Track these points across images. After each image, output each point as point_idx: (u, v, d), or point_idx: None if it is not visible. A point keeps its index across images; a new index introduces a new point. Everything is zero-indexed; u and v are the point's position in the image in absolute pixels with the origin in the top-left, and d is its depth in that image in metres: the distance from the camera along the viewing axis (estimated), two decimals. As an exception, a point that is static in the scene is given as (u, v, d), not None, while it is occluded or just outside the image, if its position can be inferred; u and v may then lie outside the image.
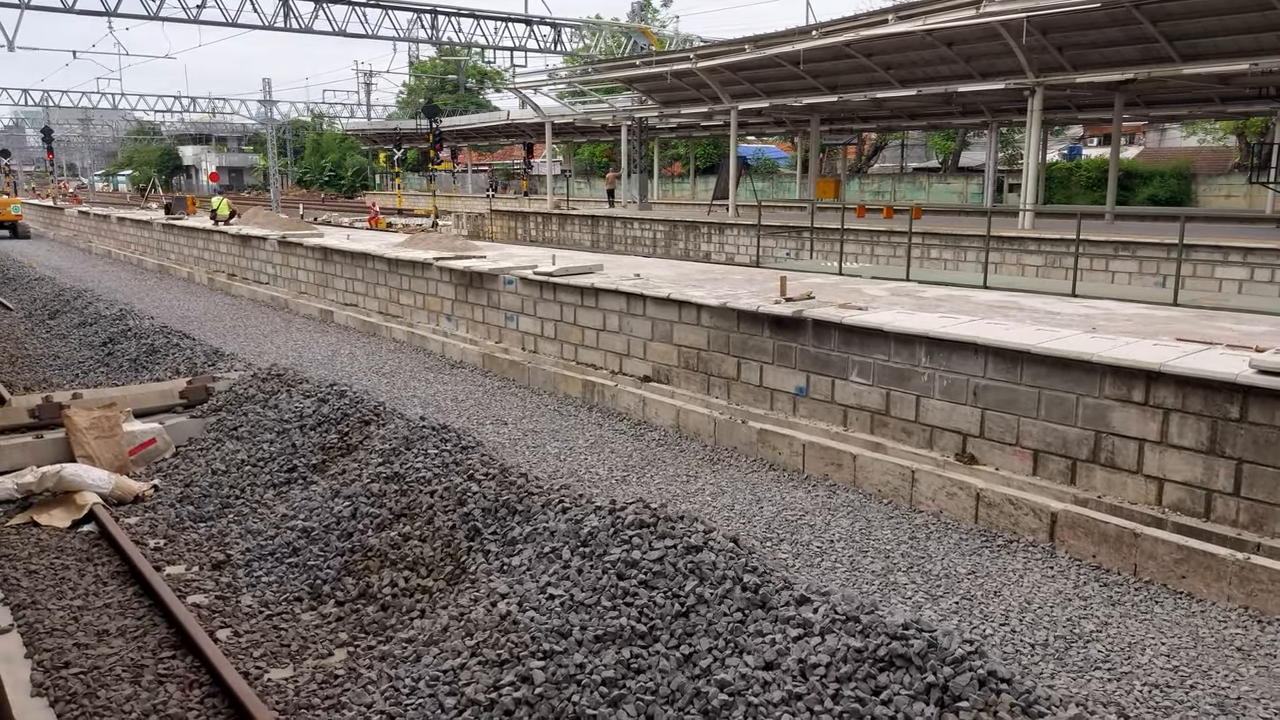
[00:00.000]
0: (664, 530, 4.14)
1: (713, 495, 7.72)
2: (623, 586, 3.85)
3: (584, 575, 4.00)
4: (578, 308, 11.59)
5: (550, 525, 4.50)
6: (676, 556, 3.96)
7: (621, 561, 3.99)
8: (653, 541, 4.07)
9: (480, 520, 4.85)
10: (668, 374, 10.35)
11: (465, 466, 5.46)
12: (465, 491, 5.12)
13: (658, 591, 3.81)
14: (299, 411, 7.07)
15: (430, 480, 5.43)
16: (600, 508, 4.47)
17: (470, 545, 4.74)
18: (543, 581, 4.07)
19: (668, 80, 28.42)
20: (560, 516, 4.57)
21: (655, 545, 4.04)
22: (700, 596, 3.72)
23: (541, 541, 4.39)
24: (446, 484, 5.30)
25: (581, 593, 3.89)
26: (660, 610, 3.70)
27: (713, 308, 9.57)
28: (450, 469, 5.48)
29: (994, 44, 21.15)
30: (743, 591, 3.74)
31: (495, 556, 4.53)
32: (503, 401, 11.01)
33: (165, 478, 6.94)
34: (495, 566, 4.45)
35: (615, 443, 9.36)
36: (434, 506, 5.14)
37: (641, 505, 4.36)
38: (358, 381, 11.75)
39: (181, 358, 9.89)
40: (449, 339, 13.66)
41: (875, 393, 8.14)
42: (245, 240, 20.68)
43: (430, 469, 5.55)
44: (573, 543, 4.26)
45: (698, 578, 3.84)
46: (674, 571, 3.89)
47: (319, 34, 26.56)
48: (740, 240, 26.00)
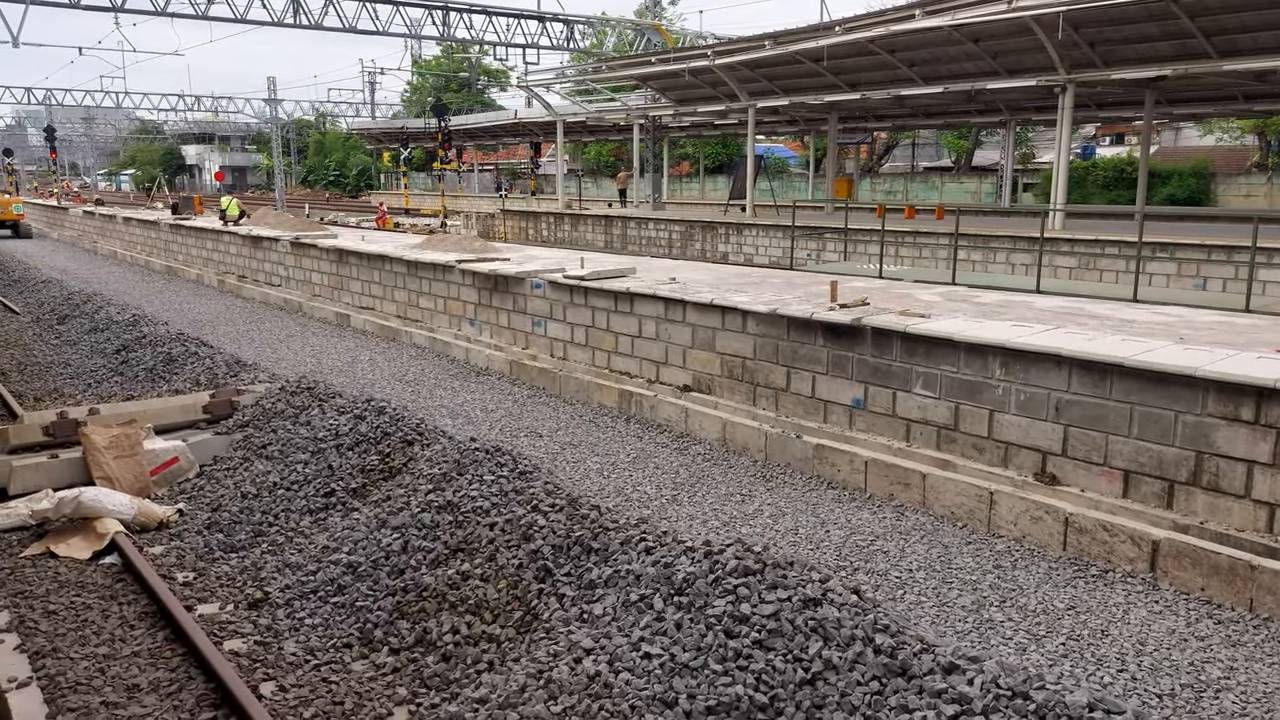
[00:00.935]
0: (774, 579, 3.64)
1: (773, 517, 7.22)
2: (733, 647, 3.36)
3: (684, 631, 3.51)
4: (611, 313, 11.09)
5: (633, 568, 4.00)
6: (793, 611, 3.46)
7: (729, 616, 3.50)
8: (763, 593, 3.57)
9: (551, 559, 4.36)
10: (709, 384, 9.85)
11: (527, 495, 4.95)
12: (531, 525, 4.62)
13: (775, 654, 3.32)
14: (334, 429, 6.57)
15: (489, 511, 4.92)
16: (692, 549, 3.97)
17: (541, 588, 4.24)
18: (634, 636, 3.57)
19: (684, 78, 27.91)
20: (644, 558, 4.07)
21: (766, 597, 3.54)
22: (827, 661, 3.23)
23: (626, 587, 3.90)
24: (508, 515, 4.79)
25: (684, 652, 3.39)
26: (781, 677, 3.21)
27: (761, 314, 9.06)
28: (510, 498, 4.98)
29: (1022, 40, 20.65)
30: (876, 655, 3.25)
31: (572, 602, 4.04)
32: (534, 412, 10.52)
33: (190, 501, 6.45)
34: (573, 614, 3.95)
35: (659, 457, 8.86)
36: (495, 541, 4.64)
37: (742, 548, 3.87)
38: (380, 390, 11.27)
39: (201, 368, 9.39)
40: (473, 345, 13.16)
41: (943, 406, 7.64)
42: (256, 241, 20.19)
43: (487, 498, 5.05)
44: (664, 590, 3.76)
45: (821, 637, 3.35)
46: (792, 630, 3.40)
47: (329, 30, 26.11)
48: (759, 241, 25.50)
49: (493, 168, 76.57)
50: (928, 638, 3.45)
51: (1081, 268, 18.73)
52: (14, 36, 26.37)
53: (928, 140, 56.66)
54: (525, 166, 69.52)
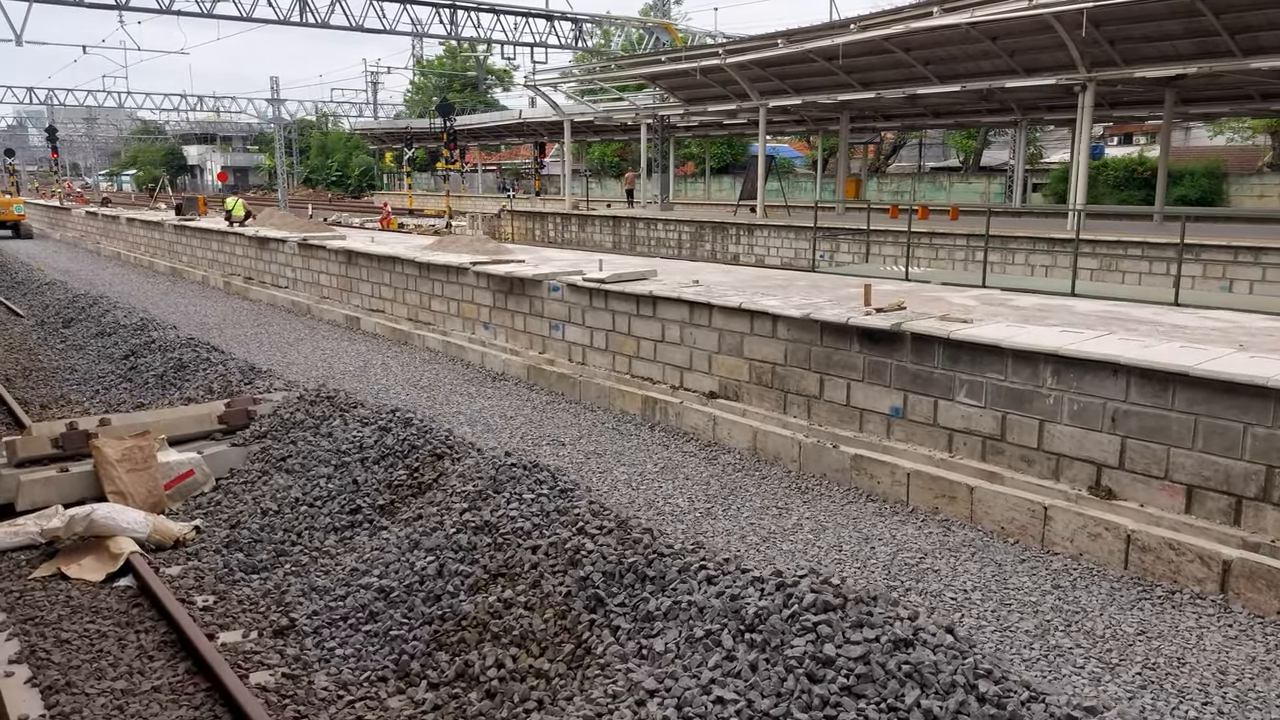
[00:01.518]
0: (858, 616, 3.33)
1: (813, 533, 6.91)
2: (819, 693, 3.05)
3: (760, 673, 3.20)
4: (632, 317, 10.78)
5: (695, 598, 3.69)
6: (884, 654, 3.15)
7: (810, 658, 3.18)
8: (847, 631, 3.26)
9: (602, 587, 4.04)
10: (737, 390, 9.54)
11: (572, 516, 4.64)
12: (578, 549, 4.31)
13: (867, 703, 3.01)
14: (358, 442, 6.25)
15: (530, 532, 4.61)
16: (761, 579, 3.66)
17: (592, 618, 3.93)
18: (704, 678, 3.26)
19: (694, 76, 27.59)
20: (706, 587, 3.76)
21: (852, 637, 3.23)
22: (927, 712, 2.92)
23: (689, 620, 3.58)
24: (552, 538, 4.48)
25: (763, 699, 3.08)
26: (877, 729, 2.91)
27: (793, 319, 8.75)
28: (553, 519, 4.67)
29: (1041, 38, 20.35)
30: (980, 704, 2.94)
31: (628, 636, 3.72)
32: (555, 419, 10.21)
33: (207, 516, 6.13)
34: (631, 650, 3.64)
35: (687, 467, 8.55)
36: (539, 566, 4.33)
37: (818, 579, 3.56)
38: (395, 396, 10.97)
39: (214, 374, 9.06)
40: (488, 349, 12.85)
41: (988, 416, 7.32)
42: (263, 242, 19.89)
43: (528, 518, 4.73)
44: (733, 625, 3.46)
45: (917, 684, 3.05)
46: (884, 675, 3.09)
47: (335, 29, 25.82)
48: (771, 242, 25.19)
49: (495, 168, 76.30)
50: (1033, 683, 3.15)
51: (1103, 269, 18.41)
52: (17, 35, 26.08)
53: (934, 140, 56.33)
54: (528, 167, 69.29)
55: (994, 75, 22.16)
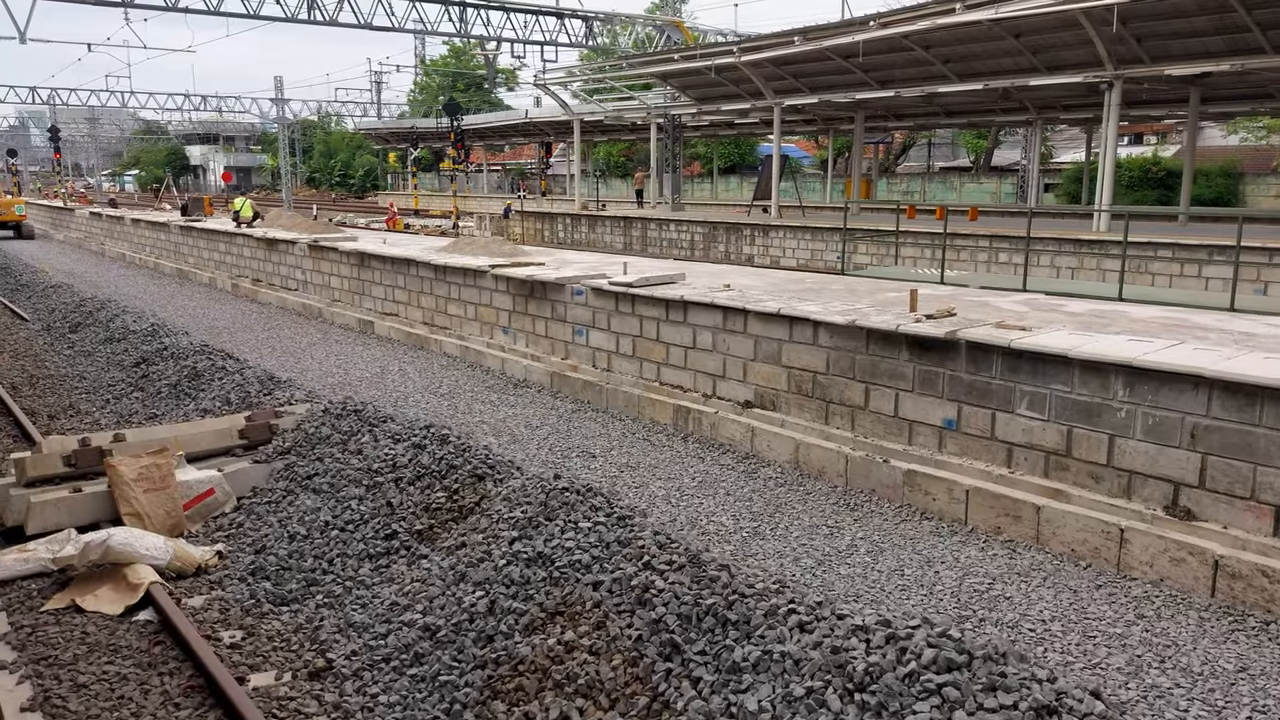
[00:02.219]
0: (989, 678, 2.93)
1: (870, 555, 6.51)
2: (955, 771, 2.67)
3: (880, 743, 2.81)
4: (661, 322, 10.38)
5: (789, 649, 3.30)
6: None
7: (940, 727, 2.80)
8: (978, 696, 2.86)
9: (678, 632, 3.64)
10: (774, 399, 9.14)
11: (635, 549, 4.24)
12: (646, 587, 3.90)
13: (1015, 783, 2.63)
14: (390, 460, 5.84)
15: (590, 566, 4.21)
16: (864, 628, 3.27)
17: (669, 667, 3.54)
18: (811, 746, 2.88)
19: (707, 75, 27.19)
20: (800, 636, 3.37)
21: (985, 702, 2.83)
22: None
23: (784, 675, 3.19)
24: (615, 573, 4.08)
25: (887, 775, 2.71)
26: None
27: (838, 326, 8.35)
28: (614, 551, 4.27)
29: (1064, 35, 19.95)
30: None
31: (712, 689, 3.33)
32: (583, 429, 9.81)
33: (230, 540, 5.73)
34: (717, 707, 3.24)
35: (726, 481, 8.16)
36: (603, 605, 3.93)
37: (935, 631, 3.16)
38: (414, 404, 10.58)
39: (230, 385, 8.65)
40: (508, 355, 12.46)
41: (1052, 429, 6.92)
42: (272, 244, 19.50)
43: (586, 549, 4.33)
44: (839, 683, 3.06)
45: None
46: (1031, 749, 2.71)
47: (343, 26, 25.42)
48: (786, 243, 24.79)
49: (499, 168, 75.90)
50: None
51: (1132, 271, 17.98)
52: (21, 32, 25.70)
53: (943, 140, 55.92)
54: (533, 167, 68.88)
55: (1015, 73, 21.74)
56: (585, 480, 8.15)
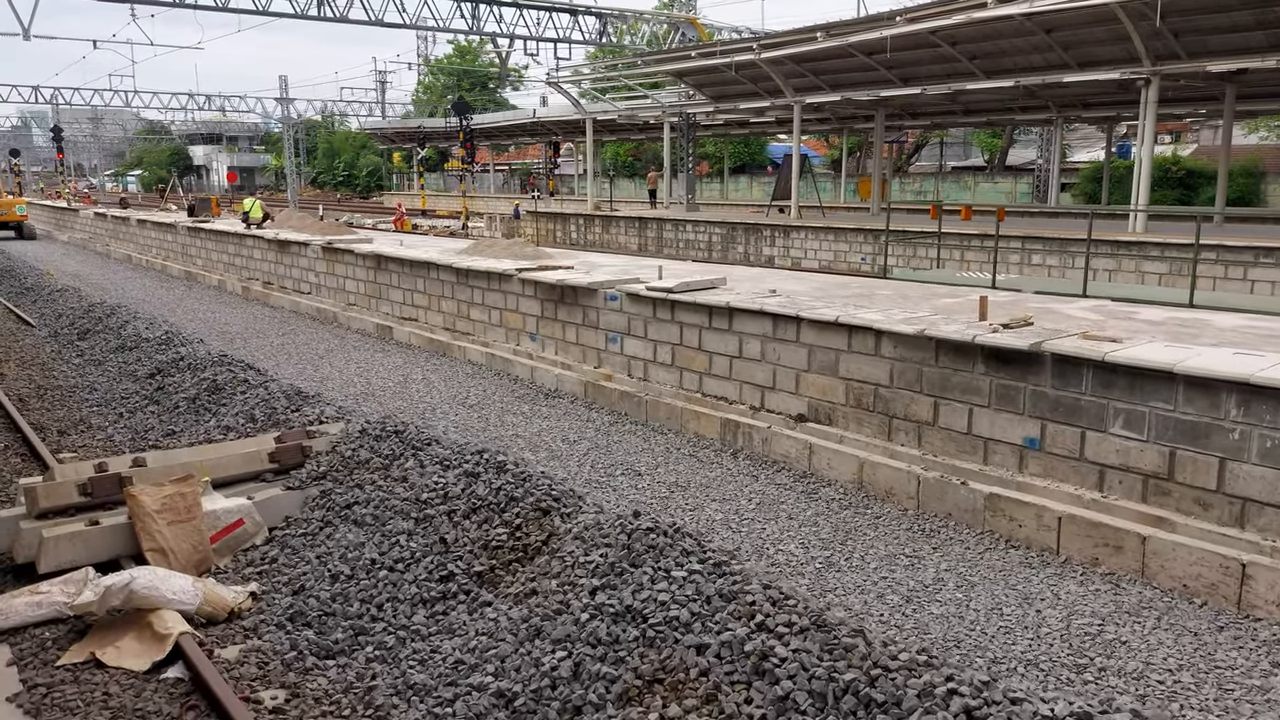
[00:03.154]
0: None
1: (961, 590, 5.95)
2: None
3: None
4: (703, 330, 9.83)
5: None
6: None
7: None
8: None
9: (811, 714, 3.10)
10: (830, 413, 8.58)
11: (744, 604, 3.69)
12: (764, 654, 3.36)
13: None
14: (441, 490, 5.27)
15: (690, 624, 3.65)
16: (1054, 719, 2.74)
17: (804, 757, 3.01)
18: None
19: (723, 73, 26.64)
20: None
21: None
22: None
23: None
24: (723, 635, 3.53)
25: None
26: None
27: (903, 335, 7.79)
28: (716, 606, 3.72)
29: (1097, 30, 19.38)
30: None
31: (864, 788, 2.81)
32: (624, 443, 9.26)
33: (264, 578, 5.17)
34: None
35: (786, 503, 7.60)
36: (711, 674, 3.38)
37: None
38: (442, 415, 10.04)
39: (254, 399, 8.08)
40: (537, 363, 11.90)
41: (1151, 451, 6.36)
42: (283, 246, 18.96)
43: (683, 603, 3.77)
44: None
45: None
46: None
47: (354, 23, 24.88)
48: (809, 244, 24.22)
49: (505, 168, 75.36)
50: None
51: (1173, 274, 17.42)
52: (25, 29, 25.19)
53: (955, 139, 55.34)
54: (538, 167, 68.34)
55: (1045, 70, 21.18)
56: (633, 499, 7.65)
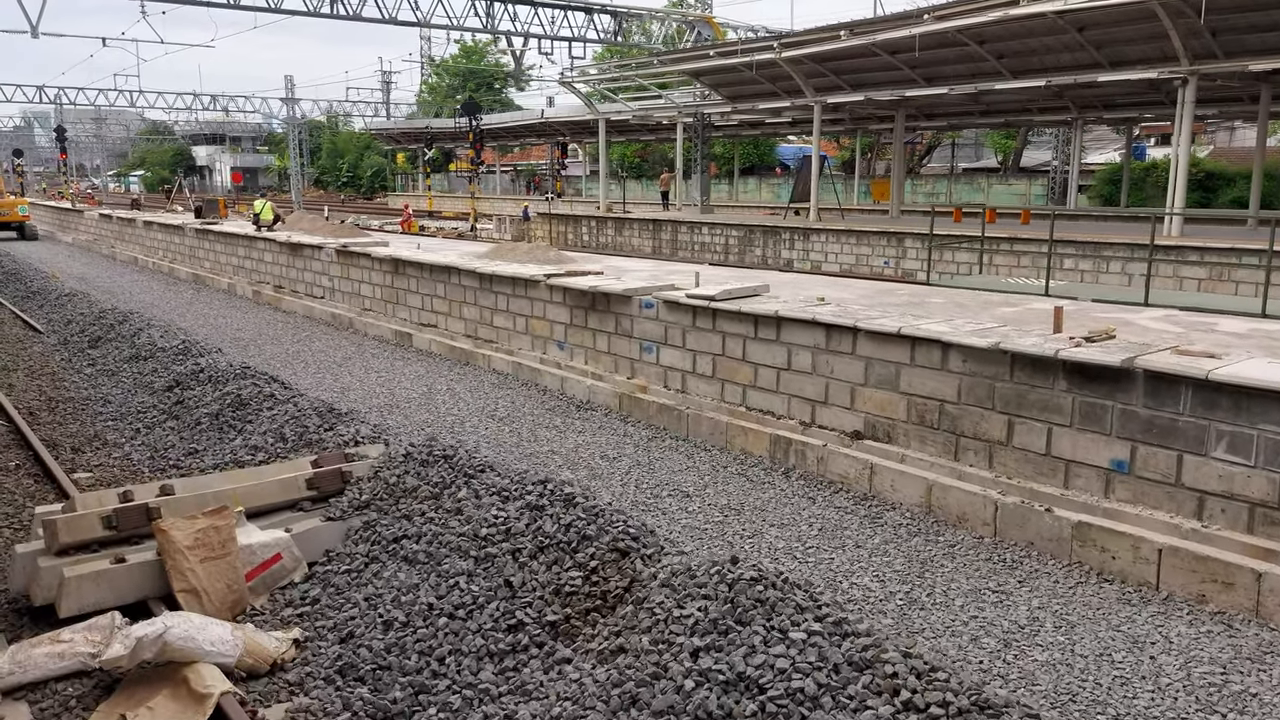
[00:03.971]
0: None
1: (1062, 633, 5.45)
2: None
3: None
4: (748, 340, 9.34)
5: None
6: None
7: None
8: None
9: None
10: (889, 430, 8.09)
11: (883, 677, 3.20)
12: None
13: None
14: (502, 525, 4.76)
15: (817, 699, 3.14)
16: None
17: None
18: None
19: (740, 72, 26.16)
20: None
21: None
22: None
23: None
24: (863, 714, 3.04)
25: None
26: None
27: (974, 349, 7.30)
28: (847, 676, 3.21)
29: (1132, 29, 18.90)
30: None
31: None
32: (666, 460, 8.77)
33: (305, 620, 4.67)
34: None
35: (850, 529, 7.11)
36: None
37: None
38: (472, 429, 9.56)
39: (282, 416, 7.57)
40: (567, 372, 11.41)
41: (1259, 477, 5.87)
42: (296, 249, 18.48)
43: (806, 671, 3.28)
44: None
45: None
46: None
47: (366, 21, 24.44)
48: (829, 247, 23.73)
49: (510, 169, 74.87)
50: None
51: (1213, 279, 16.93)
52: (33, 26, 24.74)
53: (966, 140, 54.82)
54: (543, 168, 67.81)
55: (1074, 69, 20.69)
56: (686, 525, 7.15)
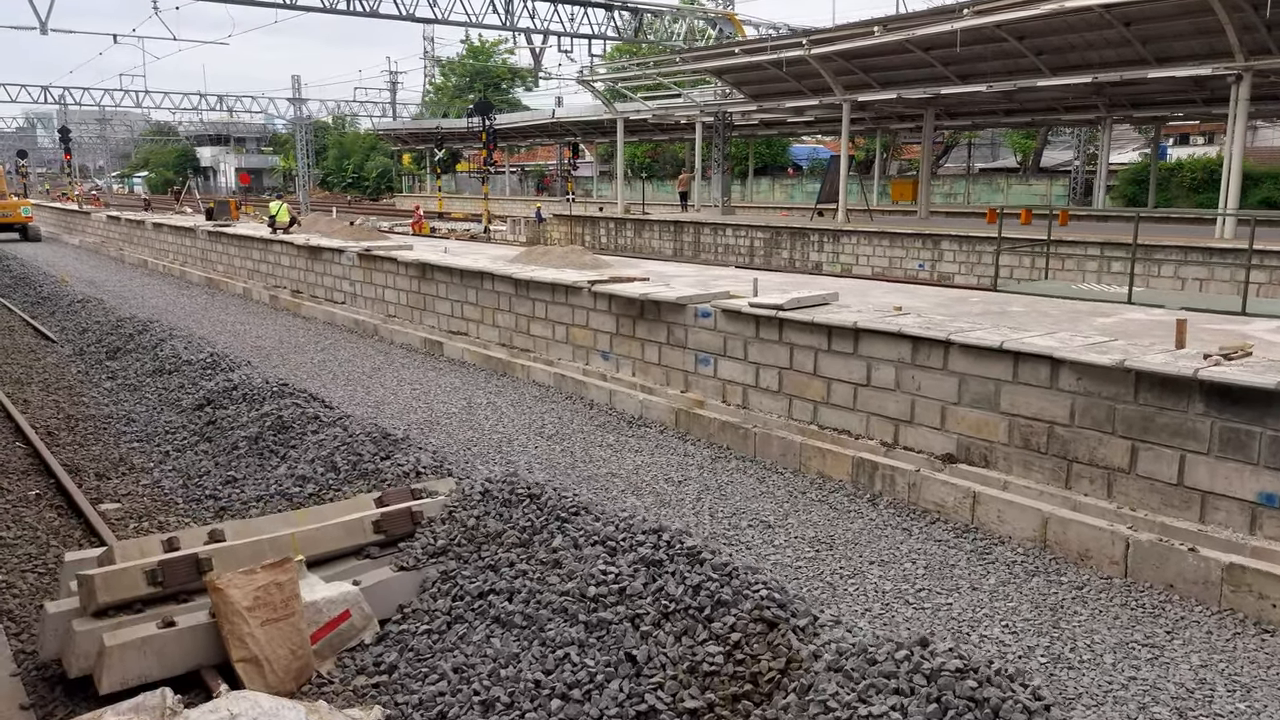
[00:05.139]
0: None
1: (1242, 699, 4.79)
2: None
3: None
4: (820, 352, 8.67)
5: None
6: None
7: None
8: None
9: None
10: (986, 453, 7.41)
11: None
12: None
13: None
14: (614, 583, 4.04)
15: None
16: None
17: None
18: None
19: (765, 70, 25.50)
20: None
21: None
22: None
23: None
24: None
25: None
26: None
27: (1093, 366, 6.62)
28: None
29: (1181, 23, 18.22)
30: None
31: None
32: (736, 484, 8.10)
33: (381, 692, 3.97)
34: None
35: (959, 567, 6.43)
36: None
37: None
38: (521, 448, 8.90)
39: (331, 441, 6.81)
40: (615, 385, 10.73)
41: None
42: (315, 252, 17.82)
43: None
44: None
45: None
46: None
47: (385, 18, 23.81)
48: (861, 250, 23.04)
49: (517, 170, 74.22)
50: None
51: (1273, 283, 16.24)
52: (42, 22, 24.09)
53: (983, 140, 54.14)
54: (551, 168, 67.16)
55: (1118, 66, 19.99)
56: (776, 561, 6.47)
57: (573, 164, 51.32)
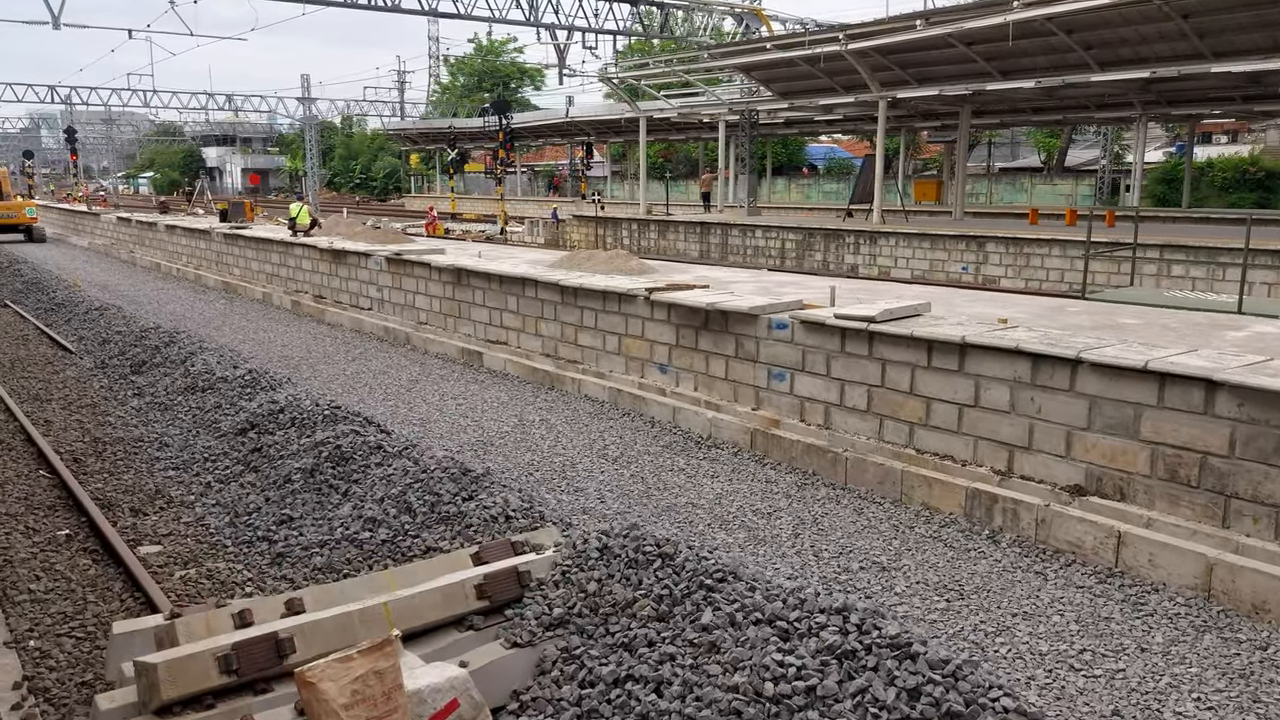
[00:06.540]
0: None
1: None
2: None
3: None
4: (917, 369, 7.91)
5: None
6: None
7: None
8: None
9: None
10: (1122, 486, 6.64)
11: None
12: None
13: None
14: (797, 679, 3.26)
15: None
16: None
17: None
18: None
19: (798, 67, 24.72)
20: None
21: None
22: None
23: None
24: None
25: None
26: None
27: (1262, 391, 5.84)
28: None
29: (1243, 15, 17.43)
30: None
31: None
32: (833, 518, 7.33)
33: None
34: None
35: (1115, 622, 5.66)
36: None
37: None
38: (584, 474, 8.15)
39: (401, 476, 5.93)
40: (678, 401, 9.97)
41: None
42: (339, 256, 17.07)
43: None
44: None
45: None
46: None
47: (406, 13, 23.06)
48: (899, 252, 22.25)
49: (527, 170, 73.47)
50: None
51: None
52: (55, 17, 23.38)
53: (1003, 140, 53.31)
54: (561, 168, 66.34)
55: (1172, 60, 19.19)
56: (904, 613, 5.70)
57: (586, 164, 50.48)
